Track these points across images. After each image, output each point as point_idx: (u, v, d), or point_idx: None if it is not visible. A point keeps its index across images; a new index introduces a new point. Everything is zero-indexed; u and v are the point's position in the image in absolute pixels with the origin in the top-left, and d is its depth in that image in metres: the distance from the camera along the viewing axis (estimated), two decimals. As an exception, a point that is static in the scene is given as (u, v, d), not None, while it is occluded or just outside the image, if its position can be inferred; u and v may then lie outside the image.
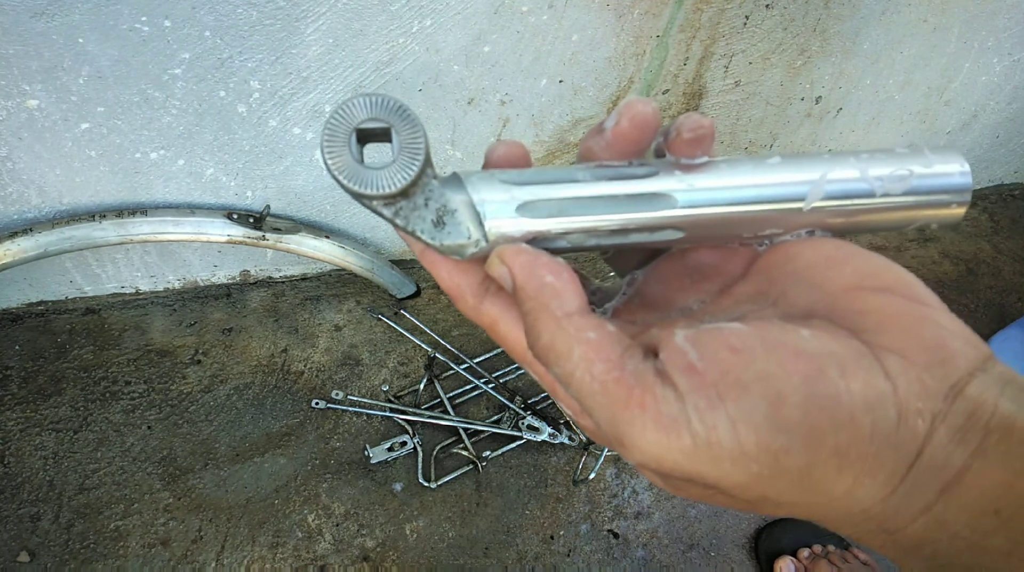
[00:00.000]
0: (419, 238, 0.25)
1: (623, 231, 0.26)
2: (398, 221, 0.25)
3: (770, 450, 0.20)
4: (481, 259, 0.26)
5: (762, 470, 0.21)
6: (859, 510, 0.21)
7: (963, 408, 0.20)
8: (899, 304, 0.22)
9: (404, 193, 0.25)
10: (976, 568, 0.21)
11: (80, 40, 0.69)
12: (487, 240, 0.25)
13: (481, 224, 0.25)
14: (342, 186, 0.24)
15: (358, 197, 0.25)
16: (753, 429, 0.20)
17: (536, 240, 0.26)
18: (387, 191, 0.24)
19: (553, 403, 1.01)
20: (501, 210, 0.25)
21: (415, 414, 0.98)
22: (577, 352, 0.22)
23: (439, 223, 0.25)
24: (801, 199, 0.26)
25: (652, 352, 0.23)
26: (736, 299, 0.25)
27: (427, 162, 0.25)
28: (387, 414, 0.99)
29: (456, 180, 0.26)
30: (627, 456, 0.22)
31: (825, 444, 0.20)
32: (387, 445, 0.96)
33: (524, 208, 0.25)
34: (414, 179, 0.24)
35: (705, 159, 0.26)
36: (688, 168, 0.26)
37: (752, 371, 0.21)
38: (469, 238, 0.25)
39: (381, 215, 0.25)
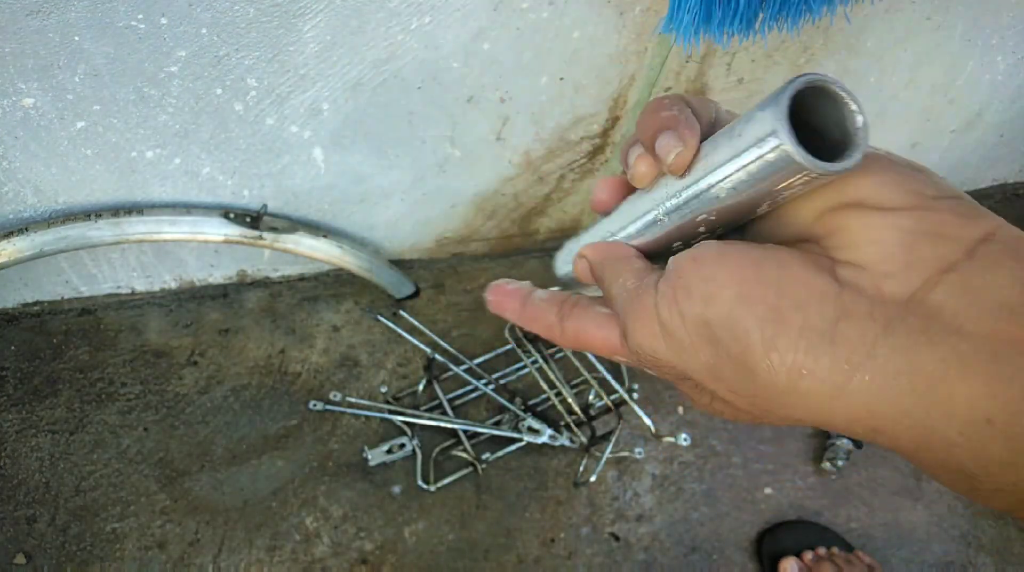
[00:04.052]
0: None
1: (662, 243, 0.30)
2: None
3: (710, 340, 0.24)
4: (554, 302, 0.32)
5: (709, 359, 0.24)
6: (821, 404, 0.22)
7: (921, 313, 0.21)
8: (865, 217, 0.23)
9: None
10: (979, 476, 0.21)
11: (76, 38, 0.68)
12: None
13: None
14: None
15: None
16: (694, 323, 0.24)
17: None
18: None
19: (553, 405, 1.00)
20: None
21: (414, 416, 0.97)
22: (623, 275, 0.28)
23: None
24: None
25: None
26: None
27: None
28: (386, 416, 0.98)
29: None
30: (628, 346, 0.27)
31: (751, 335, 0.23)
32: (386, 447, 0.95)
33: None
34: None
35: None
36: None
37: (699, 276, 0.24)
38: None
39: None
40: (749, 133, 0.23)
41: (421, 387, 1.02)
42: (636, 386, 1.07)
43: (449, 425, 0.97)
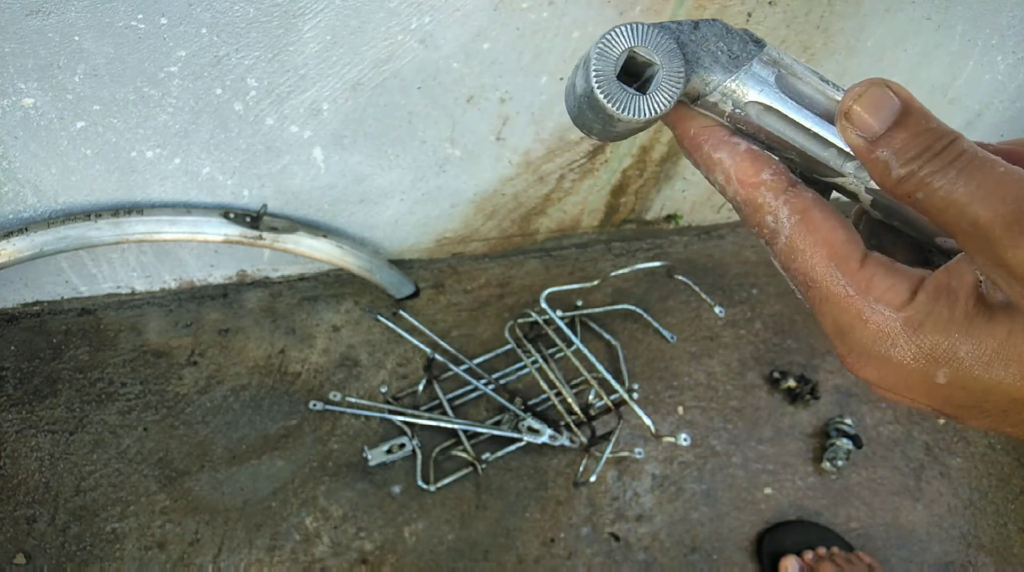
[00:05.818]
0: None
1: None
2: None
3: None
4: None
5: None
6: None
7: None
8: None
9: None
10: None
11: (76, 38, 0.68)
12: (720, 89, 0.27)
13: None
14: (604, 110, 0.26)
15: (614, 120, 0.27)
16: None
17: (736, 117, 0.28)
18: (641, 119, 0.26)
19: (553, 405, 1.00)
20: (748, 86, 0.27)
21: (414, 416, 0.97)
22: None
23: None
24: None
25: None
26: None
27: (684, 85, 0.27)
28: (385, 416, 0.98)
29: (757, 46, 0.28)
30: (1003, 254, 0.22)
31: None
32: (385, 447, 0.95)
33: (758, 106, 0.27)
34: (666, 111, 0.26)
35: None
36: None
37: None
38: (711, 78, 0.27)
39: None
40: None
41: (421, 387, 1.02)
42: (636, 386, 1.07)
43: (449, 425, 0.97)
